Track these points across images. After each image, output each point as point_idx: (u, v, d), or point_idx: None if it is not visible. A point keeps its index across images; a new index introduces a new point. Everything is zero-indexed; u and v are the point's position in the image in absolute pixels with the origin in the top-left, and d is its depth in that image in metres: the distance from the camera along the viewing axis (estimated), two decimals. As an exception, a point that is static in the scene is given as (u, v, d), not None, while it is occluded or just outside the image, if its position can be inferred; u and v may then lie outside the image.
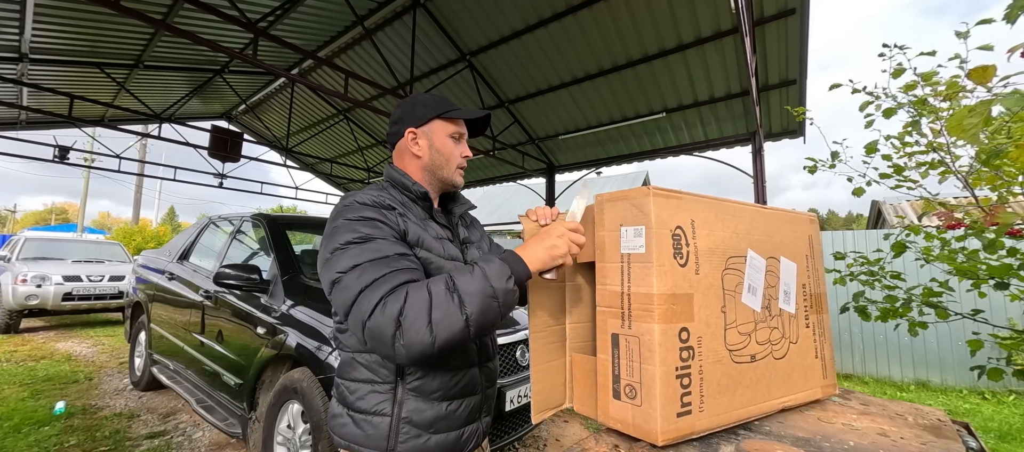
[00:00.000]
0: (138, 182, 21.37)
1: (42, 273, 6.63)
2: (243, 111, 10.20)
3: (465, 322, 0.79)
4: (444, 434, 0.97)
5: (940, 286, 1.82)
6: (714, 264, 0.85)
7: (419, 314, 0.77)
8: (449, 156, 1.07)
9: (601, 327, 0.83)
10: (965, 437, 0.98)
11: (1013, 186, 1.56)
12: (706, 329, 0.81)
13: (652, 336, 0.74)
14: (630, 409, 0.75)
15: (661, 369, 0.73)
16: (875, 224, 12.40)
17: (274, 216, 3.26)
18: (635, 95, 6.27)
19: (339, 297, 0.85)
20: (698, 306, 0.80)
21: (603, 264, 0.84)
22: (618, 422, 0.77)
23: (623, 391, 0.76)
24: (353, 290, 0.82)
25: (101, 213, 77.95)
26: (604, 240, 0.84)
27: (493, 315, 0.82)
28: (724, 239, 0.88)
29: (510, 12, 5.51)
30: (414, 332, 0.77)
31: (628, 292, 0.79)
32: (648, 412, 0.73)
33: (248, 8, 5.67)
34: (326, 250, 0.90)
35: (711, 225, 0.86)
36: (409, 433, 0.94)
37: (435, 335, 0.77)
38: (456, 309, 0.79)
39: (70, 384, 4.22)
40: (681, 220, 0.81)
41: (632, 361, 0.76)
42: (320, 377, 2.03)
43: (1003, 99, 0.86)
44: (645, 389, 0.74)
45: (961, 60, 1.46)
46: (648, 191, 0.79)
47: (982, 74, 1.01)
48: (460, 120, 1.09)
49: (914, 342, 5.47)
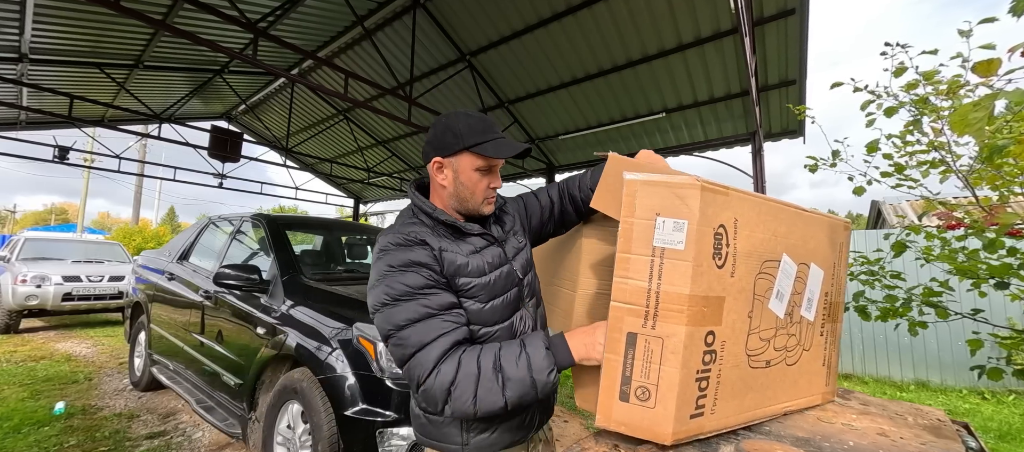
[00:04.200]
0: (138, 182, 21.37)
1: (42, 273, 6.62)
2: (243, 111, 10.19)
3: (503, 405, 0.87)
4: (508, 421, 1.05)
5: (940, 286, 1.82)
6: (749, 268, 0.80)
7: (467, 388, 0.86)
8: (474, 189, 1.02)
9: (614, 325, 0.75)
10: (965, 437, 0.98)
11: (1013, 185, 1.56)
12: (731, 334, 0.77)
13: (678, 339, 0.70)
14: (639, 411, 0.72)
15: (682, 373, 0.69)
16: (875, 224, 12.40)
17: (274, 216, 3.26)
18: (635, 95, 6.27)
19: (395, 352, 0.93)
20: (727, 310, 0.76)
21: (627, 255, 0.75)
22: (621, 425, 0.73)
23: (633, 393, 0.72)
24: (408, 350, 0.90)
25: (101, 213, 77.95)
26: (632, 228, 0.75)
27: (529, 401, 0.89)
28: (763, 242, 0.83)
29: (510, 12, 5.50)
30: (461, 403, 0.86)
31: (657, 290, 0.72)
32: (661, 414, 0.70)
33: (248, 8, 5.67)
34: (374, 302, 0.94)
35: (752, 226, 0.81)
36: (477, 428, 1.02)
37: (477, 408, 0.87)
38: (499, 391, 0.86)
39: (70, 384, 4.22)
40: (725, 218, 0.75)
41: (650, 363, 0.71)
42: (320, 377, 2.03)
43: (1007, 94, 0.86)
44: (661, 392, 0.70)
45: (963, 59, 1.46)
46: (696, 183, 0.72)
47: (987, 67, 1.01)
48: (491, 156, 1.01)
49: (914, 342, 5.47)
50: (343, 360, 1.99)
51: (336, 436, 1.92)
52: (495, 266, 1.03)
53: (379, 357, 1.97)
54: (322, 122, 9.80)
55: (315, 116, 9.71)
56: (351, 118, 9.39)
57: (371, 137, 9.82)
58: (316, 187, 15.17)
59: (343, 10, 5.87)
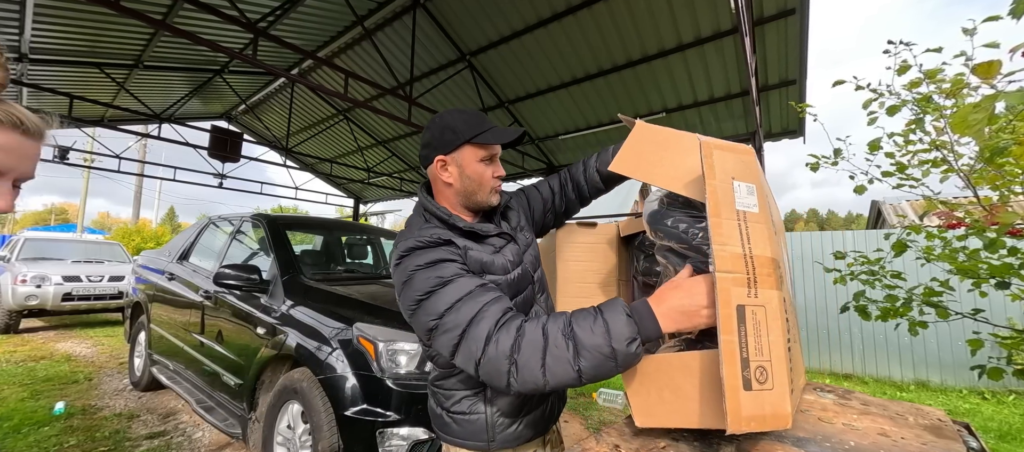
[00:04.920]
0: (138, 182, 21.38)
1: (42, 273, 6.62)
2: (243, 111, 10.19)
3: (577, 375, 0.75)
4: (530, 414, 1.06)
5: (941, 285, 1.82)
6: (780, 235, 0.79)
7: (533, 355, 0.76)
8: (480, 180, 1.03)
9: (723, 299, 0.67)
10: (965, 437, 0.98)
11: (1014, 185, 1.56)
12: (785, 301, 0.73)
13: (775, 304, 0.66)
14: (762, 398, 0.63)
15: (782, 340, 0.65)
16: (875, 224, 12.40)
17: (274, 216, 3.26)
18: (635, 95, 6.27)
19: (442, 340, 0.84)
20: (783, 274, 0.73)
21: (718, 219, 0.70)
22: (752, 421, 0.62)
23: (754, 376, 0.64)
24: (456, 331, 0.82)
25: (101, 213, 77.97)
26: (717, 191, 0.71)
27: (606, 374, 0.76)
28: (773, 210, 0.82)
29: (510, 12, 5.50)
30: (528, 372, 0.76)
31: (750, 255, 0.69)
32: (779, 394, 0.62)
33: (248, 8, 5.66)
34: (408, 302, 0.89)
35: (767, 196, 0.81)
36: (503, 424, 1.02)
37: (547, 379, 0.76)
38: (570, 360, 0.75)
39: (70, 384, 4.22)
40: (763, 183, 0.76)
41: (760, 336, 0.65)
42: (320, 377, 2.03)
43: (1007, 96, 0.85)
44: (775, 368, 0.64)
45: (966, 57, 1.45)
46: (750, 149, 0.74)
47: (987, 70, 1.00)
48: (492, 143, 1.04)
49: (914, 342, 5.46)
50: (343, 360, 1.99)
51: (336, 436, 1.92)
52: (515, 264, 1.06)
53: (379, 357, 1.97)
54: (322, 122, 9.80)
55: (315, 116, 9.71)
56: (351, 118, 9.39)
57: (371, 137, 9.82)
58: (316, 187, 15.16)
59: (343, 10, 5.87)
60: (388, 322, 2.13)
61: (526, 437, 1.05)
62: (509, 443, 1.03)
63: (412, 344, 2.01)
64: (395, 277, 0.94)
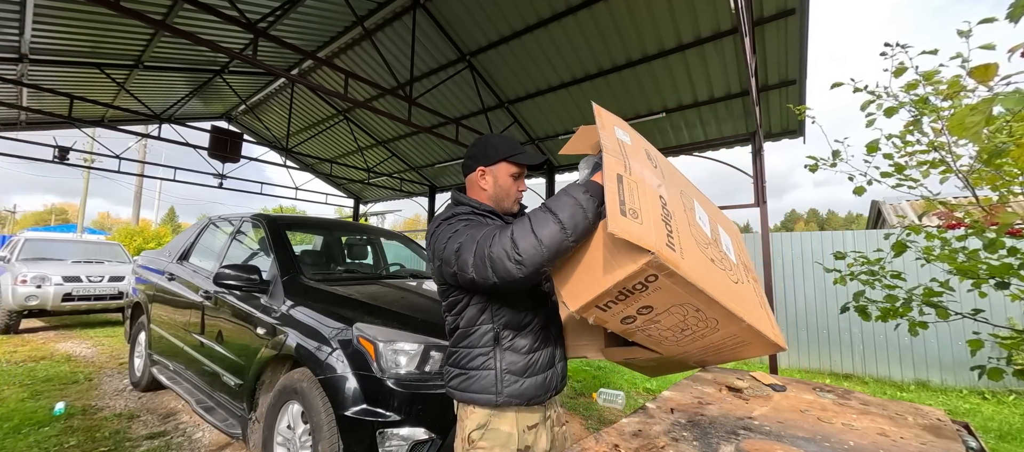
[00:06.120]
0: (138, 182, 21.38)
1: (42, 274, 6.62)
2: (243, 111, 10.19)
3: (561, 228, 0.97)
4: (533, 377, 1.26)
5: (941, 286, 1.82)
6: (674, 181, 1.14)
7: (524, 233, 1.00)
8: (508, 191, 1.34)
9: (608, 173, 0.96)
10: (965, 437, 0.98)
11: (1013, 186, 1.56)
12: (675, 206, 1.01)
13: (648, 183, 0.98)
14: (633, 224, 0.87)
15: (653, 202, 0.94)
16: (875, 224, 12.40)
17: (274, 216, 3.26)
18: (635, 95, 6.27)
19: (463, 257, 1.08)
20: (667, 186, 1.05)
21: (607, 143, 1.05)
22: (624, 232, 0.85)
23: (628, 212, 0.89)
24: (472, 245, 1.07)
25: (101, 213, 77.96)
26: (606, 129, 1.11)
27: (581, 222, 0.98)
28: (678, 181, 1.21)
29: (510, 12, 5.51)
30: (525, 245, 0.98)
31: (625, 153, 1.05)
32: (649, 230, 0.86)
33: (248, 8, 5.67)
34: (439, 247, 1.17)
35: (667, 169, 1.23)
36: (509, 380, 1.23)
37: (541, 242, 0.97)
38: (552, 220, 0.99)
39: (70, 385, 4.22)
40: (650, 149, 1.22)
41: (634, 196, 0.93)
42: (320, 377, 2.03)
43: (1004, 98, 0.85)
44: (645, 214, 0.90)
45: (963, 59, 1.46)
46: (622, 120, 1.22)
47: (984, 72, 1.01)
48: (522, 164, 1.35)
49: (914, 342, 5.47)
50: (343, 360, 1.99)
51: (336, 436, 1.92)
52: None
53: (379, 357, 1.97)
54: (322, 122, 9.80)
55: (315, 116, 9.70)
56: (351, 118, 9.39)
57: (371, 137, 9.82)
58: (316, 187, 15.17)
59: (343, 10, 5.87)
60: (388, 322, 2.13)
61: (528, 395, 1.24)
62: (514, 398, 1.23)
63: (412, 344, 2.02)
64: (438, 237, 1.19)
